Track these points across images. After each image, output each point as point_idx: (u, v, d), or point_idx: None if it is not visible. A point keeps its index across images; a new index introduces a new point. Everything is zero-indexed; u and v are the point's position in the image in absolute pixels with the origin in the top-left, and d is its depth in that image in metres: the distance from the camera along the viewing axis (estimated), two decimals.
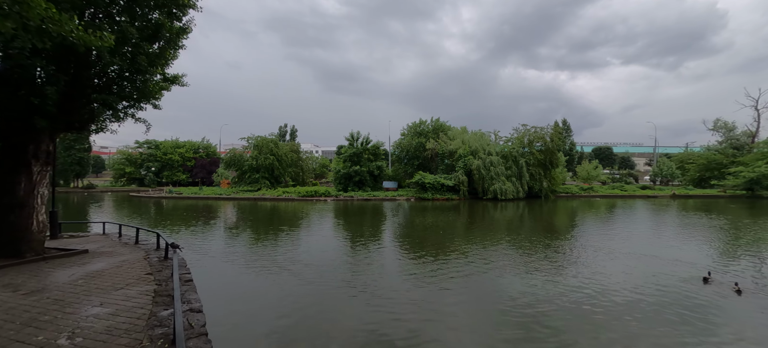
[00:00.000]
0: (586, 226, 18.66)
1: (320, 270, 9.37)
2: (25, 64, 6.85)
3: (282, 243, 13.03)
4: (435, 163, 41.54)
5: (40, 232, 8.26)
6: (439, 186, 35.80)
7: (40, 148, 8.18)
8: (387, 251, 12.00)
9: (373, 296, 7.43)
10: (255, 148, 46.61)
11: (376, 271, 9.48)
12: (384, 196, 37.72)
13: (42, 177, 8.31)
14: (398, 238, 14.90)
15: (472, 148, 37.46)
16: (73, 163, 51.29)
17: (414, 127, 45.98)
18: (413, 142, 41.90)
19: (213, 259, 10.58)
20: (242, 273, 9.21)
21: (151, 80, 9.51)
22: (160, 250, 9.14)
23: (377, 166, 42.44)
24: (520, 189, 34.82)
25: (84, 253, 8.65)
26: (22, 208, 7.91)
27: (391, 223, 19.71)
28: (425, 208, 28.55)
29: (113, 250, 9.24)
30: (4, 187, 7.77)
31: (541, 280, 8.67)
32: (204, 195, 42.00)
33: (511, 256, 11.42)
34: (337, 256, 11.21)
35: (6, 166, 7.85)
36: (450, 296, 7.63)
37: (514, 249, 12.46)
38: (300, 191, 39.88)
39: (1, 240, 7.70)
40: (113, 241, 10.67)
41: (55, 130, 8.47)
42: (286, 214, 23.42)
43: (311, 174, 57.76)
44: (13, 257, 7.70)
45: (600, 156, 75.61)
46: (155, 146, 62.16)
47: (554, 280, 8.67)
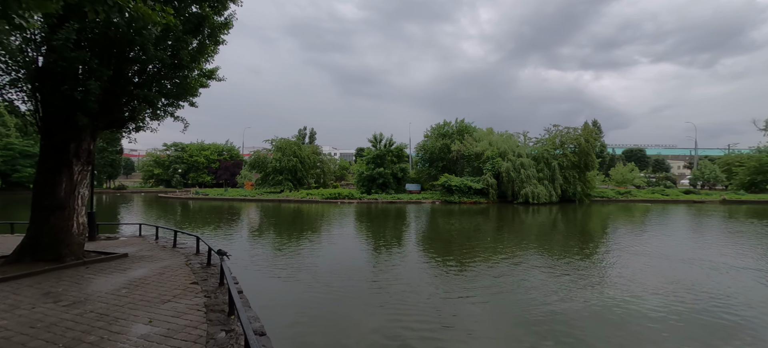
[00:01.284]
0: (628, 232, 17.03)
1: (372, 285, 8.58)
2: (68, 57, 6.45)
3: (320, 250, 12.37)
4: (460, 166, 40.23)
5: (80, 234, 7.89)
6: (467, 189, 34.52)
7: (81, 147, 7.83)
8: (418, 256, 11.11)
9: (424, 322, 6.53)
10: (278, 150, 46.79)
11: (424, 282, 8.59)
12: (408, 199, 36.78)
13: (82, 177, 7.96)
14: (429, 242, 13.95)
15: (501, 149, 35.98)
16: (106, 165, 53.18)
17: (438, 128, 44.87)
18: (437, 144, 40.80)
19: (255, 266, 9.99)
20: (289, 285, 8.47)
21: (191, 76, 9.10)
22: (200, 255, 8.62)
23: (401, 169, 41.59)
24: (553, 193, 33.03)
25: (124, 257, 8.23)
26: (63, 209, 7.56)
27: (420, 227, 18.77)
28: (452, 211, 27.42)
29: (152, 254, 8.80)
30: (45, 188, 7.43)
31: (576, 293, 7.66)
32: (229, 196, 42.39)
33: (542, 264, 10.47)
34: (382, 268, 10.40)
35: (48, 165, 7.52)
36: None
37: (545, 256, 11.48)
38: (323, 193, 39.53)
39: (42, 243, 7.35)
40: (150, 243, 10.30)
41: (97, 128, 8.11)
42: (314, 217, 22.92)
43: (332, 176, 57.63)
44: (53, 261, 7.33)
45: (631, 158, 71.77)
46: (182, 149, 63.78)
47: (594, 294, 7.64)
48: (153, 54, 7.29)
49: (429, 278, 8.94)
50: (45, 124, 7.43)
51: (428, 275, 9.24)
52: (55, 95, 6.93)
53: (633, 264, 10.31)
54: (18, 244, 7.54)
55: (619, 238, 15.49)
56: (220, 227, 17.81)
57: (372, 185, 40.40)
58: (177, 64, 8.26)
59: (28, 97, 7.28)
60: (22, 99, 7.23)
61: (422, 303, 7.06)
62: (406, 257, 11.29)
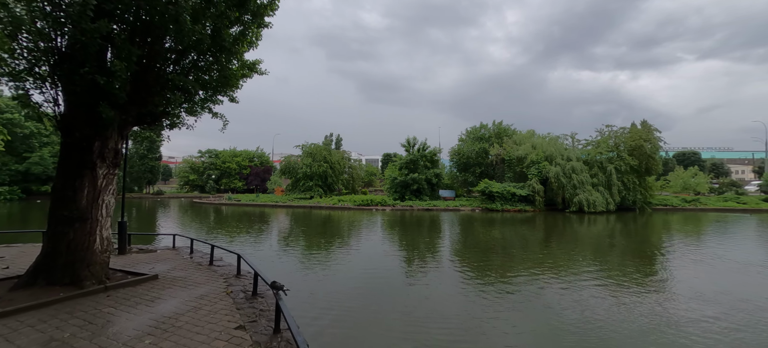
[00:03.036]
0: (719, 245, 13.80)
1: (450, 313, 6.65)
2: (87, 29, 5.11)
3: (377, 265, 10.58)
4: (500, 171, 37.42)
5: (103, 251, 6.57)
6: (510, 195, 31.73)
7: (107, 146, 6.54)
8: (482, 273, 9.00)
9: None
10: (308, 155, 46.11)
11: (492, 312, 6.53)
12: (445, 206, 34.47)
13: (108, 182, 6.66)
14: (488, 255, 11.76)
15: (547, 153, 32.91)
16: (146, 171, 55.03)
17: (473, 132, 42.33)
18: (475, 148, 38.25)
19: (307, 289, 8.34)
20: (352, 315, 6.71)
21: (232, 65, 7.70)
22: (242, 279, 7.08)
23: (435, 174, 39.42)
24: (610, 200, 29.50)
25: (153, 280, 6.83)
26: (84, 221, 6.26)
27: (470, 238, 16.56)
28: (494, 220, 24.87)
29: (186, 274, 7.37)
30: (64, 195, 6.16)
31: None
32: (261, 202, 42.03)
33: (600, 285, 8.52)
34: (459, 296, 8.41)
35: (68, 168, 6.26)
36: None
37: (603, 275, 9.29)
38: (355, 200, 38.09)
39: (58, 263, 6.06)
40: (184, 259, 8.98)
41: (125, 124, 6.82)
42: (351, 225, 21.31)
43: (360, 182, 56.41)
44: (70, 285, 6.02)
45: (684, 162, 65.02)
46: (215, 155, 65.12)
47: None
48: (189, 29, 5.87)
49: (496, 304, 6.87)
50: (64, 117, 6.20)
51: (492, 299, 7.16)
52: (73, 80, 5.64)
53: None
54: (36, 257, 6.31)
55: (711, 251, 12.52)
56: (253, 234, 16.58)
57: (405, 191, 38.47)
58: (218, 46, 6.87)
59: (48, 84, 6.06)
60: (39, 87, 6.02)
61: None
62: (470, 280, 9.23)
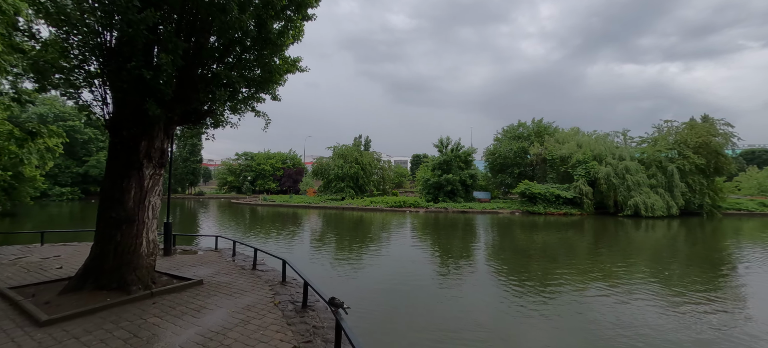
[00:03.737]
0: None
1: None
2: (133, 20, 4.80)
3: (422, 274, 9.79)
4: (541, 171, 35.16)
5: (149, 255, 6.34)
6: (553, 198, 29.54)
7: (153, 146, 6.31)
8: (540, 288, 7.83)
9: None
10: (340, 157, 46.26)
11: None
12: (481, 208, 32.86)
13: (154, 183, 6.43)
14: (541, 264, 10.50)
15: (595, 152, 30.31)
16: (188, 173, 58.13)
17: (510, 130, 40.20)
18: (513, 147, 36.22)
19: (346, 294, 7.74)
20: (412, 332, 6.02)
21: (275, 60, 7.29)
22: (288, 286, 6.59)
23: (470, 175, 37.86)
24: (672, 203, 26.47)
25: (198, 285, 6.51)
26: (131, 223, 6.04)
27: (515, 243, 15.23)
28: (536, 224, 23.07)
29: (230, 279, 7.01)
30: (112, 196, 5.97)
31: None
32: (294, 203, 42.67)
33: (657, 299, 7.59)
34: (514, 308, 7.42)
35: (115, 169, 6.07)
36: None
37: (662, 288, 8.11)
38: (387, 201, 37.50)
39: (106, 266, 5.87)
40: (228, 262, 8.72)
41: (171, 122, 6.58)
42: (384, 227, 20.66)
43: (391, 183, 55.85)
44: (117, 290, 5.80)
45: (754, 161, 57.83)
46: (250, 158, 67.54)
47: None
48: (235, 17, 5.45)
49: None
50: (112, 117, 6.02)
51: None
52: (120, 76, 5.40)
53: None
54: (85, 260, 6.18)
55: None
56: (290, 235, 16.39)
57: (439, 193, 37.29)
58: (263, 39, 6.45)
59: (97, 82, 5.90)
60: (88, 85, 5.88)
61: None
62: (508, 287, 8.13)
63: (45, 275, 7.11)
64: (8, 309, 5.01)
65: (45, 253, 9.46)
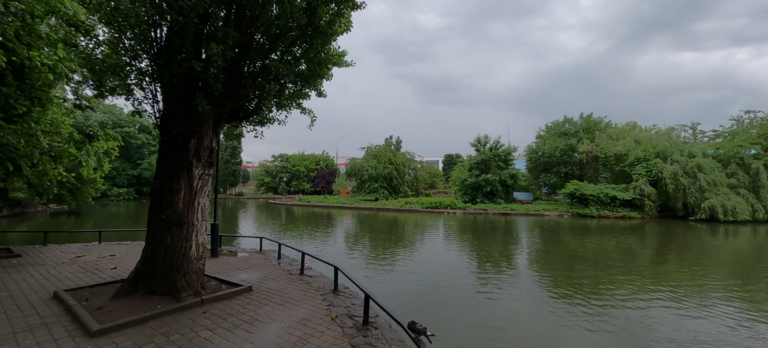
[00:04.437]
0: None
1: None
2: (182, 7, 4.41)
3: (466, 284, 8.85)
4: (592, 170, 32.40)
5: (199, 258, 6.02)
6: (608, 199, 26.95)
7: (202, 144, 5.99)
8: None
9: None
10: (373, 157, 45.99)
11: None
12: (524, 210, 30.85)
13: (203, 183, 6.12)
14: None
15: (657, 148, 27.29)
16: (229, 174, 60.89)
17: (556, 127, 37.60)
18: (558, 145, 33.72)
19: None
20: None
21: (324, 51, 6.76)
22: (341, 296, 5.99)
23: (510, 175, 35.82)
24: (758, 206, 23.02)
25: (248, 292, 6.10)
26: (181, 226, 5.74)
27: (560, 247, 13.64)
28: (587, 227, 20.91)
29: (279, 285, 6.56)
30: (162, 197, 5.70)
31: None
32: (328, 204, 42.96)
33: (736, 314, 6.42)
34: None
35: (164, 169, 5.81)
36: None
37: (743, 303, 5.80)
38: (422, 202, 36.50)
39: (156, 270, 5.60)
40: (273, 265, 8.36)
41: (219, 119, 6.24)
42: (423, 229, 19.74)
43: (424, 184, 54.74)
44: (167, 295, 5.51)
45: None
46: (286, 159, 69.53)
47: None
48: (288, 5, 4.94)
49: None
50: (162, 114, 5.76)
51: None
52: (171, 68, 5.08)
53: None
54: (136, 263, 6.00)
55: None
56: (329, 236, 16.03)
57: (476, 193, 35.65)
58: (314, 28, 5.92)
59: (148, 78, 5.66)
60: (139, 82, 5.66)
61: None
62: (557, 298, 6.89)
63: (99, 276, 7.10)
64: (62, 314, 4.84)
65: (101, 252, 9.70)
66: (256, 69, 6.30)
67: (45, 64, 8.97)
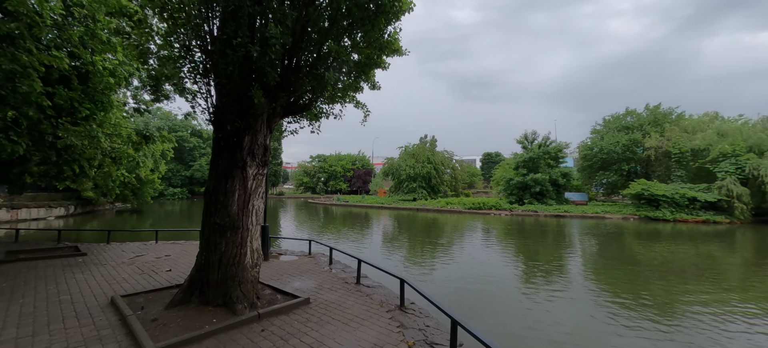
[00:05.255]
0: None
1: None
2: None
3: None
4: (662, 168, 28.76)
5: (254, 266, 5.51)
6: (686, 201, 23.56)
7: (256, 141, 5.47)
8: None
9: None
10: (411, 156, 45.00)
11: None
12: (580, 212, 28.10)
13: (257, 184, 5.59)
14: None
15: (749, 142, 23.40)
16: (271, 174, 63.22)
17: (615, 120, 34.02)
18: (619, 140, 30.31)
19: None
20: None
21: (385, 33, 5.97)
22: (409, 315, 5.15)
23: (562, 174, 32.98)
24: None
25: (306, 305, 5.48)
26: (236, 230, 5.24)
27: (630, 254, 11.59)
28: (660, 232, 18.14)
29: (337, 297, 5.88)
30: (216, 200, 5.24)
31: None
32: (366, 203, 42.68)
33: None
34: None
35: (218, 169, 5.34)
36: None
37: None
38: (464, 203, 34.86)
39: (211, 278, 5.14)
40: (323, 269, 7.77)
41: (273, 114, 5.68)
42: (469, 230, 18.38)
43: (463, 183, 52.68)
44: (223, 307, 5.02)
45: None
46: (323, 160, 70.77)
47: None
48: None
49: None
50: (216, 109, 5.30)
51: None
52: (225, 57, 4.56)
53: None
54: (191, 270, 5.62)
55: None
56: (373, 238, 15.34)
57: (524, 194, 33.25)
58: (377, 6, 5.15)
59: (201, 70, 5.23)
60: (193, 75, 5.24)
61: None
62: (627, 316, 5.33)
63: (155, 279, 6.91)
64: (117, 325, 4.50)
65: (158, 252, 9.78)
66: (311, 58, 5.67)
67: (106, 68, 9.19)
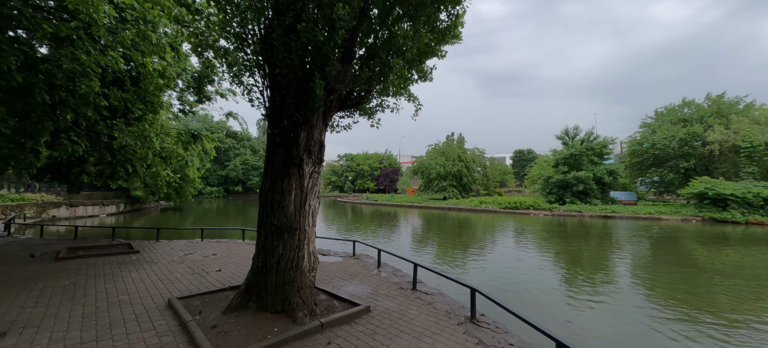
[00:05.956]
0: None
1: None
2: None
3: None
4: (727, 164, 25.91)
5: (311, 270, 5.15)
6: (760, 201, 20.95)
7: (313, 137, 5.09)
8: None
9: None
10: (441, 154, 43.94)
11: None
12: (631, 212, 25.92)
13: (314, 183, 5.23)
14: None
15: None
16: None
17: (669, 113, 31.16)
18: (676, 134, 27.62)
19: None
20: None
21: (454, 14, 5.44)
22: (482, 327, 4.56)
23: (608, 171, 30.67)
24: None
25: (367, 314, 5.04)
26: (293, 232, 4.89)
27: (696, 261, 10.06)
28: (726, 236, 16.04)
29: (397, 306, 5.40)
30: (272, 200, 4.92)
31: None
32: (396, 202, 42.21)
33: None
34: None
35: (273, 166, 5.02)
36: None
37: None
38: (499, 202, 33.43)
39: (268, 283, 4.83)
40: (372, 272, 7.34)
41: (330, 108, 5.28)
42: (511, 232, 17.31)
43: (494, 182, 50.78)
44: (282, 314, 4.69)
45: None
46: (350, 159, 71.16)
47: None
48: None
49: None
50: (272, 102, 4.97)
51: None
52: (288, 43, 4.19)
53: None
54: (247, 272, 5.38)
55: None
56: (410, 235, 14.79)
57: (565, 193, 31.29)
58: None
59: (257, 64, 4.92)
60: (249, 66, 4.94)
61: None
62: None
63: (207, 280, 6.79)
64: (177, 332, 4.28)
65: (204, 250, 9.82)
66: (369, 45, 5.22)
67: (155, 69, 9.33)
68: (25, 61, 5.82)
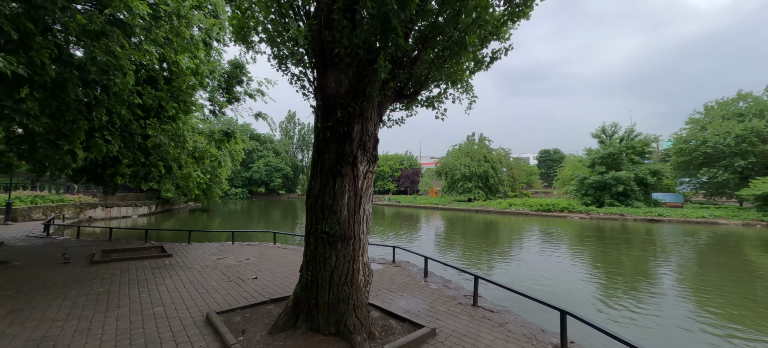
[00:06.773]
0: None
1: None
2: None
3: None
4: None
5: (366, 284, 4.46)
6: None
7: (367, 131, 4.41)
8: None
9: None
10: (465, 155, 42.57)
11: None
12: (681, 216, 23.82)
13: (368, 184, 4.54)
14: None
15: None
16: None
17: (722, 106, 28.64)
18: (732, 130, 25.19)
19: None
20: None
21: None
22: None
23: (651, 171, 28.50)
24: None
25: (432, 338, 4.29)
26: (346, 241, 4.22)
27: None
28: None
29: (463, 326, 4.64)
30: (322, 204, 4.26)
31: None
32: (419, 204, 41.29)
33: None
34: None
35: (323, 165, 4.36)
36: None
37: None
38: (530, 204, 31.83)
39: (319, 300, 4.17)
40: (419, 282, 6.58)
41: (384, 100, 4.60)
42: (553, 237, 16.03)
43: (521, 183, 48.79)
44: (337, 337, 4.02)
45: None
46: None
47: None
48: None
49: None
50: (322, 91, 4.32)
51: None
52: (353, 20, 3.54)
53: None
54: (295, 287, 4.76)
55: None
56: (452, 244, 13.90)
57: (603, 194, 29.34)
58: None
59: (309, 42, 4.29)
60: (295, 54, 4.32)
61: None
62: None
63: (244, 289, 6.26)
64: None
65: (237, 254, 9.40)
66: (425, 28, 4.48)
67: (188, 67, 9.00)
68: (58, 55, 5.49)
